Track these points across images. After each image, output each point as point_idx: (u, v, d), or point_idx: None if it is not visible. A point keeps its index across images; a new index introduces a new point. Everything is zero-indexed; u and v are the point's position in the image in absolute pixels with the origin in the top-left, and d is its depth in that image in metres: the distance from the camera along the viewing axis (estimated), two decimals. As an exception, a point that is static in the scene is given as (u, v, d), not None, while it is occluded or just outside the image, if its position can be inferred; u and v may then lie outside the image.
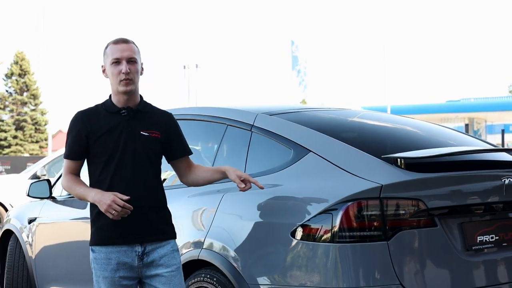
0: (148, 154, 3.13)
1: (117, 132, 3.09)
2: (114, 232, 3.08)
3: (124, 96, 3.11)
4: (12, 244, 5.61)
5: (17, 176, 12.01)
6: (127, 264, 3.08)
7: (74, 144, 3.14)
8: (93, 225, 3.16)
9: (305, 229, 3.09)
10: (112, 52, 3.10)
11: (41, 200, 5.37)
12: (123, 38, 3.15)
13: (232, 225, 3.45)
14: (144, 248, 3.09)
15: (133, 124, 3.12)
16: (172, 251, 3.15)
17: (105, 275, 3.08)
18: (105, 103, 3.18)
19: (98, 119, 3.12)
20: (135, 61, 3.12)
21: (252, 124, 3.70)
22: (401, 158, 3.14)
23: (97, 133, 3.09)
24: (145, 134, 3.12)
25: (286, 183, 3.33)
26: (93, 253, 3.13)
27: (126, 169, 3.08)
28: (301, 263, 3.10)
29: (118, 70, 3.07)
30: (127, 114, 3.12)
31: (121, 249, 3.08)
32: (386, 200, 3.01)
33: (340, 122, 3.85)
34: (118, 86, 3.09)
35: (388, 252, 2.99)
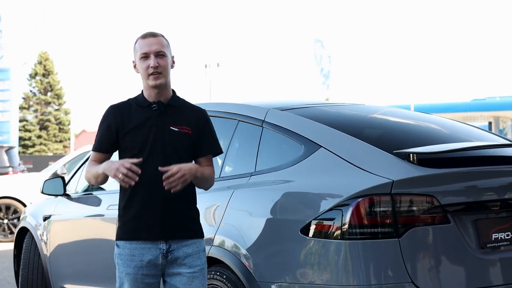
0: (177, 149, 3.06)
1: (146, 127, 3.04)
2: (139, 226, 3.03)
3: (154, 90, 3.06)
4: (28, 241, 5.61)
5: (38, 175, 12.07)
6: (151, 261, 3.02)
7: (103, 137, 3.11)
8: (120, 220, 3.12)
9: (314, 225, 3.03)
10: (141, 46, 3.07)
11: (56, 197, 5.38)
12: (151, 32, 3.11)
13: (242, 222, 3.40)
14: (169, 246, 3.03)
15: (163, 119, 3.07)
16: (197, 251, 3.08)
17: (128, 272, 3.04)
18: (137, 97, 3.15)
19: (129, 113, 3.09)
20: (164, 55, 3.07)
21: (263, 120, 3.65)
22: (413, 153, 3.07)
23: (126, 127, 3.05)
24: (174, 129, 3.06)
25: (296, 179, 3.27)
26: (118, 249, 3.09)
27: (154, 163, 3.01)
28: (310, 260, 3.05)
29: (147, 65, 3.04)
30: (158, 108, 3.07)
31: (145, 245, 3.02)
32: (398, 196, 2.94)
33: (352, 117, 3.79)
34: (148, 80, 3.05)
35: (400, 249, 2.92)
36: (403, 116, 4.02)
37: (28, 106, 49.01)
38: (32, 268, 5.47)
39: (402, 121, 3.91)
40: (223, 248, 3.41)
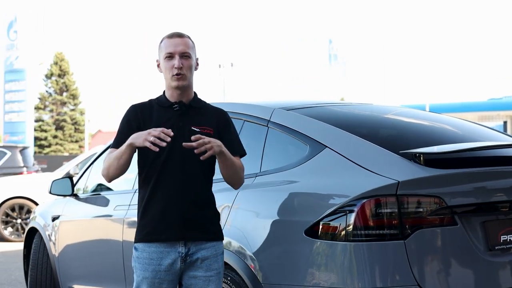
0: None
1: (167, 127, 2.97)
2: (158, 227, 2.98)
3: (176, 91, 3.04)
4: (37, 242, 5.61)
5: (51, 175, 12.10)
6: (169, 265, 2.97)
7: (123, 135, 3.05)
8: (139, 222, 3.07)
9: (319, 227, 2.98)
10: (166, 46, 3.04)
11: (64, 197, 5.37)
12: (177, 33, 3.08)
13: (246, 223, 3.36)
14: (188, 249, 2.98)
15: (184, 119, 3.03)
16: (215, 254, 3.03)
17: (145, 276, 2.99)
18: (159, 97, 3.12)
19: (151, 113, 3.06)
20: (189, 56, 3.03)
21: (269, 120, 3.60)
22: (420, 154, 3.01)
23: (147, 127, 2.99)
24: (196, 129, 3.01)
25: (301, 179, 3.22)
26: (136, 252, 3.04)
27: (174, 165, 2.99)
28: (315, 263, 3.00)
29: (171, 65, 3.01)
30: (179, 109, 3.04)
31: (164, 249, 2.98)
32: (403, 197, 2.88)
33: (359, 117, 3.73)
34: (171, 81, 3.02)
35: (405, 251, 2.86)
36: (412, 116, 3.96)
37: (44, 106, 49.32)
38: (40, 268, 5.46)
39: (410, 121, 3.85)
40: (228, 249, 3.36)
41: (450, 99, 50.65)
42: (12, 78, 27.55)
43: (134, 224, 4.10)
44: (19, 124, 27.26)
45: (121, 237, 4.32)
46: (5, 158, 14.74)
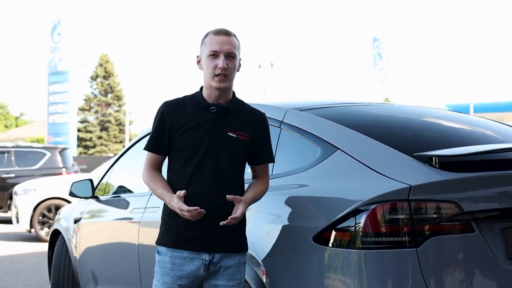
0: (232, 157, 2.88)
1: (202, 130, 2.86)
2: (183, 236, 2.87)
3: (216, 91, 2.88)
4: (59, 244, 5.58)
5: (87, 175, 12.18)
6: (191, 272, 2.87)
7: (156, 136, 2.94)
8: (164, 225, 2.95)
9: (327, 233, 2.83)
10: (211, 43, 2.86)
11: (86, 199, 5.32)
12: (225, 30, 2.90)
13: (255, 228, 3.22)
14: (212, 258, 2.87)
15: (221, 123, 2.88)
16: (238, 264, 2.92)
17: (165, 280, 2.89)
18: (194, 95, 2.96)
19: (185, 112, 2.90)
20: (234, 57, 2.87)
21: (282, 121, 3.47)
22: (435, 156, 2.83)
23: (181, 128, 2.88)
24: (232, 135, 2.87)
25: (311, 183, 3.08)
26: (159, 256, 2.94)
27: (206, 171, 2.85)
28: (323, 271, 2.84)
29: (215, 64, 2.84)
30: (217, 111, 2.89)
31: (188, 255, 2.87)
32: (416, 202, 2.71)
33: (375, 118, 3.55)
34: (212, 81, 2.86)
35: (418, 260, 2.68)
36: (434, 116, 3.75)
37: (89, 107, 50.03)
38: (62, 270, 5.43)
39: (431, 121, 3.64)
40: (236, 255, 3.24)
41: (495, 98, 49.49)
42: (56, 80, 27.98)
43: (150, 227, 4.03)
44: (63, 125, 27.66)
45: (136, 241, 4.24)
46: (45, 159, 14.94)
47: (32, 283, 7.48)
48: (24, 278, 7.78)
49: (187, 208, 2.73)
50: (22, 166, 14.80)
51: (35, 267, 8.57)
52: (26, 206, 11.73)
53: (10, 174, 14.64)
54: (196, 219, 2.77)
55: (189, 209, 2.73)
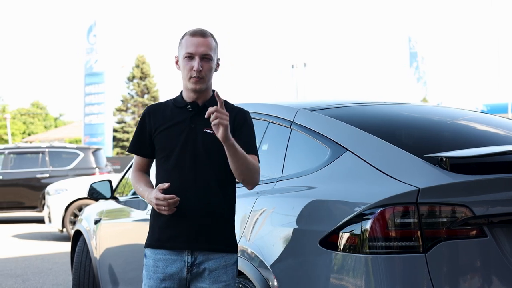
0: (210, 154, 2.84)
1: (179, 128, 2.87)
2: (164, 235, 2.86)
3: (192, 92, 2.89)
4: (80, 245, 5.60)
5: (117, 175, 12.25)
6: (174, 274, 2.84)
7: (137, 138, 2.99)
8: (149, 227, 2.97)
9: (333, 237, 2.75)
10: (187, 45, 2.85)
11: (106, 200, 5.32)
12: (201, 31, 2.88)
13: (263, 231, 3.16)
14: (194, 259, 2.83)
15: (197, 121, 2.87)
16: (225, 265, 2.85)
17: (150, 284, 2.88)
18: (176, 98, 2.99)
19: (164, 113, 2.93)
20: (210, 58, 2.85)
21: (292, 121, 3.39)
22: (446, 158, 2.72)
23: (159, 128, 2.90)
24: (209, 132, 2.84)
25: (319, 185, 3.00)
26: (145, 259, 2.95)
27: (184, 169, 2.84)
28: (329, 276, 2.76)
29: (190, 66, 2.84)
30: (192, 109, 2.89)
31: (170, 257, 2.85)
32: (424, 205, 2.60)
33: (388, 118, 3.43)
34: (188, 82, 2.86)
35: (426, 266, 2.58)
36: (451, 117, 3.61)
37: (126, 108, 50.49)
38: (83, 271, 5.44)
39: (444, 121, 3.51)
40: (245, 258, 3.18)
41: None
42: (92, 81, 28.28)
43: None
44: (99, 126, 27.94)
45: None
46: (78, 159, 15.09)
47: (59, 282, 7.54)
48: (52, 278, 7.84)
49: (164, 196, 2.72)
50: (56, 166, 14.98)
51: (64, 267, 8.64)
52: (58, 206, 11.85)
53: (45, 174, 14.82)
54: (170, 212, 2.75)
55: (165, 196, 2.72)
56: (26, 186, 14.83)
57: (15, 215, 16.91)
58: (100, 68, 27.92)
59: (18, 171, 14.94)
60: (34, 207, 14.75)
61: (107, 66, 28.18)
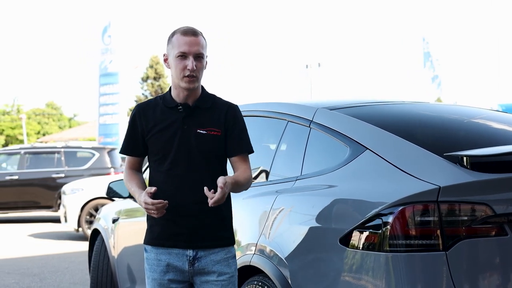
0: (205, 154, 2.89)
1: (172, 130, 2.89)
2: (164, 234, 2.91)
3: (184, 91, 2.90)
4: (98, 243, 5.63)
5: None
6: (177, 267, 2.91)
7: (129, 139, 3.00)
8: (147, 223, 3.02)
9: (354, 235, 2.76)
10: (180, 44, 2.86)
11: (124, 199, 5.35)
12: (192, 30, 2.90)
13: (283, 229, 3.18)
14: (195, 253, 2.89)
15: (189, 122, 2.90)
16: (226, 258, 2.92)
17: (154, 277, 2.94)
18: (164, 96, 2.99)
19: (154, 114, 2.94)
20: (202, 57, 2.88)
21: (311, 120, 3.41)
22: (466, 156, 2.73)
23: (152, 130, 2.92)
24: (202, 132, 2.88)
25: (339, 184, 3.01)
26: (146, 253, 3.00)
27: (179, 170, 2.88)
28: (350, 274, 2.78)
29: (183, 65, 2.85)
30: (184, 110, 2.91)
31: (172, 251, 2.91)
32: (445, 204, 2.61)
33: (406, 117, 3.44)
34: (181, 81, 2.87)
35: (447, 264, 2.59)
36: (469, 116, 3.61)
37: (140, 108, 50.70)
38: (101, 270, 5.48)
39: (463, 120, 3.51)
40: (264, 256, 3.20)
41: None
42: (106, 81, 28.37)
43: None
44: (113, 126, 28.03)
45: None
46: (94, 160, 15.17)
47: (76, 281, 7.59)
48: (69, 277, 7.89)
49: (152, 201, 2.74)
50: (72, 166, 15.06)
51: (81, 266, 8.69)
52: (74, 205, 11.92)
53: (60, 174, 14.91)
54: (160, 215, 2.78)
55: (153, 201, 2.74)
56: (41, 186, 14.93)
57: (30, 215, 17.03)
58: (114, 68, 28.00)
59: (33, 171, 15.05)
60: (50, 207, 14.84)
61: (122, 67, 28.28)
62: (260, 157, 3.70)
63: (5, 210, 15.11)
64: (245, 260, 3.33)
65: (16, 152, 15.69)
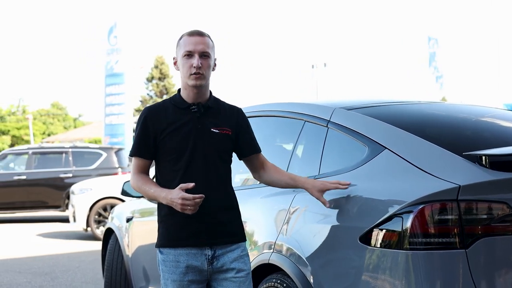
0: (219, 152, 3.00)
1: (186, 129, 2.96)
2: (182, 233, 2.95)
3: (193, 90, 2.98)
4: (112, 242, 5.68)
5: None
6: (196, 267, 2.95)
7: (140, 142, 3.02)
8: (161, 226, 3.05)
9: (374, 233, 2.80)
10: (185, 44, 2.98)
11: (138, 199, 5.40)
12: (198, 31, 3.02)
13: (302, 227, 3.22)
14: (214, 252, 2.96)
15: (203, 121, 2.99)
16: (242, 255, 3.01)
17: (173, 278, 2.97)
18: (174, 98, 3.06)
19: (166, 115, 3.00)
20: (208, 56, 2.98)
21: (329, 120, 3.44)
22: (485, 156, 2.76)
23: (165, 131, 2.97)
24: (215, 131, 2.99)
25: (358, 183, 3.04)
26: (161, 255, 3.02)
27: (196, 168, 2.95)
28: (369, 271, 2.81)
29: (190, 64, 2.95)
30: (197, 110, 2.99)
31: (190, 251, 2.95)
32: (465, 203, 2.65)
33: (423, 116, 3.48)
34: (188, 79, 2.97)
35: (467, 262, 2.62)
36: (484, 115, 3.65)
37: (145, 108, 50.77)
38: (115, 269, 5.53)
39: (481, 120, 3.54)
40: (283, 255, 3.24)
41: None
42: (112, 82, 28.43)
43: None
44: (119, 126, 28.08)
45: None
46: (101, 159, 15.23)
47: (88, 280, 7.64)
48: (80, 276, 7.94)
49: (193, 196, 2.79)
50: (79, 166, 15.13)
51: (91, 265, 8.75)
52: (83, 205, 11.98)
53: (68, 174, 14.98)
54: (194, 211, 2.82)
55: (194, 196, 2.79)
56: (49, 186, 15.00)
57: (38, 215, 17.10)
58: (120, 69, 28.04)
59: (41, 171, 15.12)
60: (58, 207, 14.91)
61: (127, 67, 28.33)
62: (277, 157, 3.74)
63: (13, 210, 15.19)
64: (263, 258, 3.36)
65: (24, 152, 15.77)
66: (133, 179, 3.07)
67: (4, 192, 14.92)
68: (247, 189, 3.71)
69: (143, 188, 3.02)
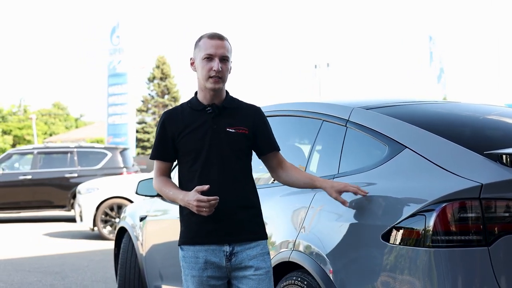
0: (235, 151, 3.04)
1: (202, 130, 3.03)
2: (201, 231, 3.01)
3: (210, 92, 3.04)
4: (125, 241, 5.71)
5: (149, 175, 12.39)
6: (214, 263, 3.01)
7: (159, 145, 3.11)
8: (182, 224, 3.12)
9: (396, 231, 2.84)
10: (206, 47, 3.02)
11: (151, 198, 5.44)
12: (218, 34, 3.07)
13: (323, 225, 3.26)
14: (232, 248, 3.00)
15: (219, 121, 3.04)
16: (262, 253, 3.04)
17: (193, 274, 3.03)
18: (190, 100, 3.13)
19: (183, 117, 3.07)
20: (228, 60, 3.04)
21: (347, 119, 3.48)
22: (506, 154, 2.81)
23: (182, 132, 3.04)
24: (231, 131, 3.04)
25: (379, 181, 3.09)
26: (182, 251, 3.09)
27: (213, 168, 3.00)
28: (392, 269, 2.85)
29: (210, 67, 3.00)
30: (212, 111, 3.04)
31: (209, 248, 3.01)
32: (487, 201, 2.69)
33: (442, 116, 3.52)
34: (206, 82, 3.02)
35: (489, 259, 2.67)
36: (501, 115, 3.70)
37: (147, 108, 50.79)
38: (129, 268, 5.57)
39: (501, 119, 3.60)
40: (304, 253, 3.28)
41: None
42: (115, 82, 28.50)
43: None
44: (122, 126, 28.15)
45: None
46: (106, 159, 15.28)
47: (98, 279, 7.68)
48: (90, 274, 7.98)
49: (207, 198, 2.85)
50: (85, 166, 15.18)
51: (100, 264, 8.79)
52: (90, 204, 12.02)
53: (73, 174, 15.03)
54: (210, 213, 2.88)
55: (209, 198, 2.85)
56: (55, 186, 15.06)
57: (44, 214, 17.15)
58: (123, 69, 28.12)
59: (47, 171, 15.17)
60: (63, 206, 14.96)
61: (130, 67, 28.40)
62: (295, 156, 3.78)
63: (18, 210, 15.24)
64: (283, 256, 3.40)
65: (29, 152, 15.82)
66: (155, 182, 3.17)
67: (10, 192, 14.98)
68: (267, 188, 3.74)
69: (163, 190, 3.11)
